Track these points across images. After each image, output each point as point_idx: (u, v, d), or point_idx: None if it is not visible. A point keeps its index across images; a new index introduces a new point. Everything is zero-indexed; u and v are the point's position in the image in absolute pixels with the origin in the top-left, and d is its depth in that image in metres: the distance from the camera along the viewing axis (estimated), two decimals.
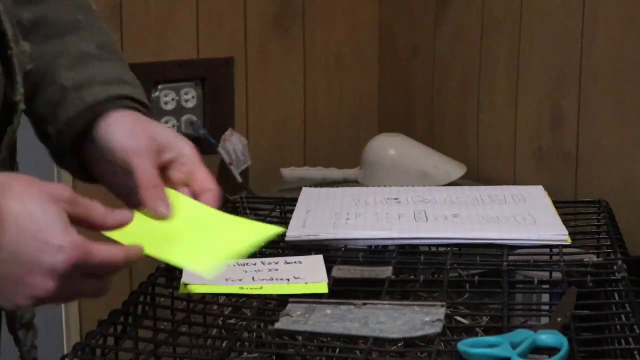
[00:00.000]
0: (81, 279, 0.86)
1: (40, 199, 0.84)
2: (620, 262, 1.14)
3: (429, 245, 1.25)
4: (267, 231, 0.94)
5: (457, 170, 2.13)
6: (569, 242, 1.22)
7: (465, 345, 0.91)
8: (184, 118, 2.22)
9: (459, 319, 1.13)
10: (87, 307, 2.18)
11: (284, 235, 1.25)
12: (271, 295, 1.07)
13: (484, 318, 1.13)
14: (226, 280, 1.12)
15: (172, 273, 1.16)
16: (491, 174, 2.19)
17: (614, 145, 1.89)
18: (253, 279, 1.13)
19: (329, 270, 1.13)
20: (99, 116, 1.00)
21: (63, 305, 2.15)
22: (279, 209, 1.40)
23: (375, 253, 1.25)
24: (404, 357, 1.01)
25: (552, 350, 0.91)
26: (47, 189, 0.86)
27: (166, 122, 2.19)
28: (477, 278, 1.12)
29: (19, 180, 0.86)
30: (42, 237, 0.82)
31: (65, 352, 0.93)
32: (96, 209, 0.90)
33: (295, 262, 1.15)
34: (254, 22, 2.32)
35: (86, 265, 0.84)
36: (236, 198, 1.41)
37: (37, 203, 0.83)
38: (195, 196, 0.98)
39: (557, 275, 1.15)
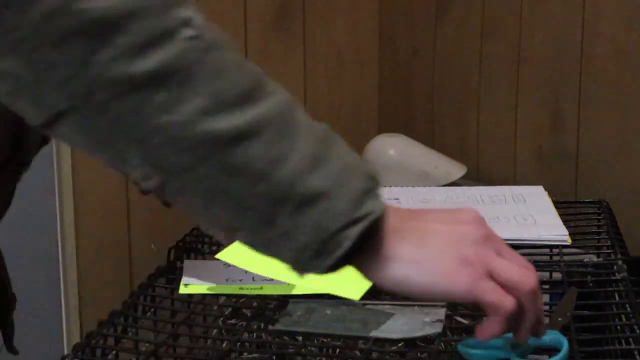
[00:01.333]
0: None
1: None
2: (620, 262, 1.14)
3: None
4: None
5: (457, 170, 2.13)
6: (569, 242, 1.22)
7: (465, 346, 0.91)
8: None
9: (459, 319, 1.13)
10: (87, 307, 2.18)
11: None
12: (271, 295, 1.07)
13: (484, 318, 1.13)
14: (226, 280, 1.12)
15: (172, 273, 1.16)
16: (491, 174, 2.19)
17: (614, 145, 1.89)
18: (253, 279, 1.13)
19: None
20: None
21: (63, 305, 2.15)
22: None
23: None
24: (404, 357, 1.01)
25: (552, 351, 0.91)
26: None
27: None
28: None
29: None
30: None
31: (65, 352, 0.93)
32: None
33: None
34: (254, 22, 2.32)
35: None
36: None
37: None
38: None
39: (557, 275, 1.15)
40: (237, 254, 1.03)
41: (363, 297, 1.05)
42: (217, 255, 1.02)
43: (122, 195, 2.13)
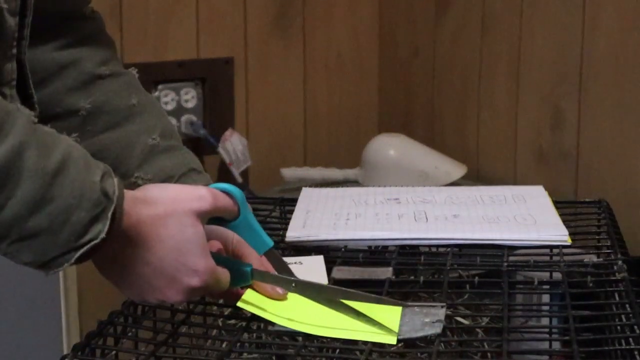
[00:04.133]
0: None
1: (185, 220, 0.93)
2: (620, 262, 1.14)
3: (429, 246, 1.25)
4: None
5: (457, 170, 2.13)
6: (569, 242, 1.22)
7: None
8: (184, 118, 2.23)
9: (459, 319, 1.13)
10: (87, 307, 2.18)
11: (283, 235, 1.25)
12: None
13: (484, 318, 1.13)
14: None
15: None
16: (491, 174, 2.19)
17: (614, 145, 1.89)
18: None
19: (328, 271, 1.13)
20: None
21: (63, 306, 2.15)
22: (279, 209, 1.40)
23: (375, 253, 1.25)
24: (404, 357, 1.01)
25: None
26: (191, 205, 0.94)
27: None
28: (477, 278, 1.12)
29: (163, 200, 0.94)
30: (182, 260, 0.93)
31: (65, 352, 0.93)
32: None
33: (295, 263, 1.15)
34: (254, 22, 2.32)
35: (209, 286, 0.96)
36: None
37: (181, 225, 0.93)
38: None
39: (557, 275, 1.15)
40: (257, 302, 1.03)
41: None
42: (238, 304, 1.03)
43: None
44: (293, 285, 1.02)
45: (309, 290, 1.02)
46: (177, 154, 1.14)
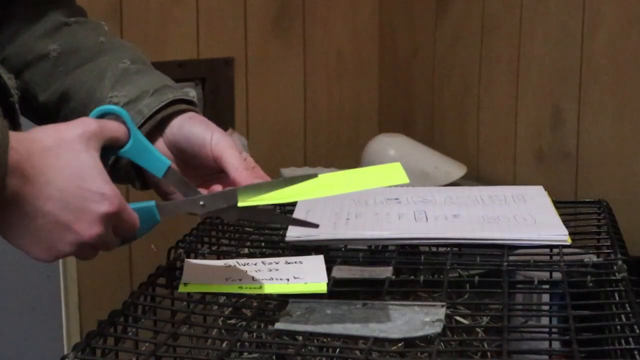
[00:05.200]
0: (110, 230, 0.94)
1: (76, 147, 0.89)
2: (620, 262, 1.14)
3: (429, 245, 1.25)
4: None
5: (457, 170, 2.13)
6: (569, 242, 1.22)
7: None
8: None
9: (459, 319, 1.13)
10: (87, 307, 2.18)
11: (283, 235, 1.25)
12: (271, 295, 1.07)
13: (484, 318, 1.13)
14: (226, 280, 1.12)
15: (172, 273, 1.16)
16: (491, 174, 2.19)
17: (614, 145, 1.89)
18: (253, 278, 1.12)
19: (328, 270, 1.13)
20: (164, 122, 1.07)
21: (63, 306, 2.15)
22: (279, 209, 1.40)
23: (375, 253, 1.25)
24: (404, 357, 1.01)
25: None
26: (76, 131, 0.90)
27: None
28: (477, 278, 1.12)
29: (48, 133, 0.90)
30: (86, 186, 0.89)
31: (65, 352, 0.93)
32: None
33: (295, 262, 1.15)
34: (254, 22, 2.32)
35: (121, 215, 0.93)
36: None
37: (74, 152, 0.89)
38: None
39: (557, 275, 1.15)
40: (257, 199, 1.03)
41: (363, 297, 1.06)
42: (239, 204, 1.02)
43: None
44: (201, 203, 1.01)
45: (219, 201, 1.01)
46: (150, 73, 1.13)
